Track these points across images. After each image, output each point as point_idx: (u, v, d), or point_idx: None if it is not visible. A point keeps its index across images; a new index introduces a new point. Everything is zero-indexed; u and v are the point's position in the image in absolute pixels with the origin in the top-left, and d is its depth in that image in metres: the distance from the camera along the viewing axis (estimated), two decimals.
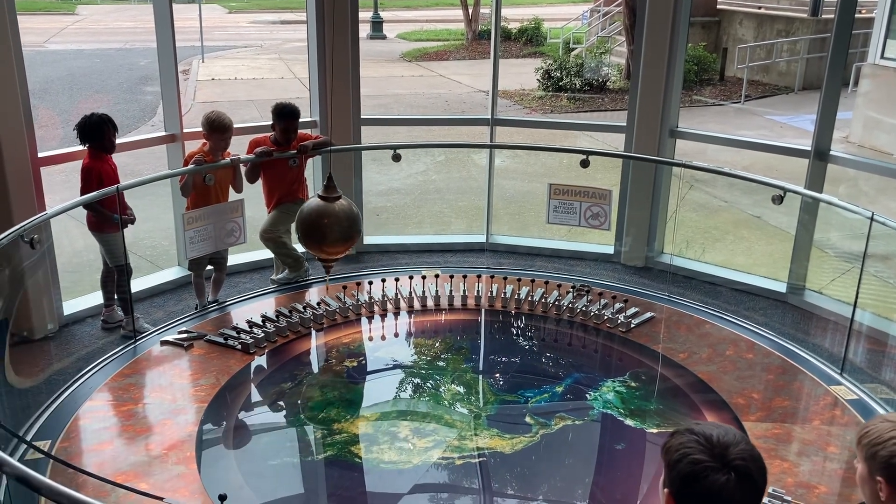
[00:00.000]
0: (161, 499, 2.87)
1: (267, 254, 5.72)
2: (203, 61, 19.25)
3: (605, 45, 18.63)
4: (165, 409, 3.98)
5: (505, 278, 5.54)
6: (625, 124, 6.05)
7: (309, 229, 3.69)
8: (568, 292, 5.26)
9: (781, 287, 5.59)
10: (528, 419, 3.95)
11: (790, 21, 16.98)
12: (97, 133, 4.66)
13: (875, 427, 2.10)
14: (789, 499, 3.32)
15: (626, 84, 16.10)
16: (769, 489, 3.35)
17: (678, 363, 4.46)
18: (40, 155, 4.77)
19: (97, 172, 4.66)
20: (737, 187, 8.63)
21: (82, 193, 4.61)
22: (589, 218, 5.44)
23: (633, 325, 4.88)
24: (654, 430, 3.89)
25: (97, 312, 5.07)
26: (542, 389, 4.24)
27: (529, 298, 5.20)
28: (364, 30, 23.04)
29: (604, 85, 16.29)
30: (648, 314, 5.03)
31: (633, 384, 4.30)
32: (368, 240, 6.61)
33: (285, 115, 5.17)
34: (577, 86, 16.01)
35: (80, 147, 4.76)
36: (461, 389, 4.27)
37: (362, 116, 6.12)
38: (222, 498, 3.05)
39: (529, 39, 22.10)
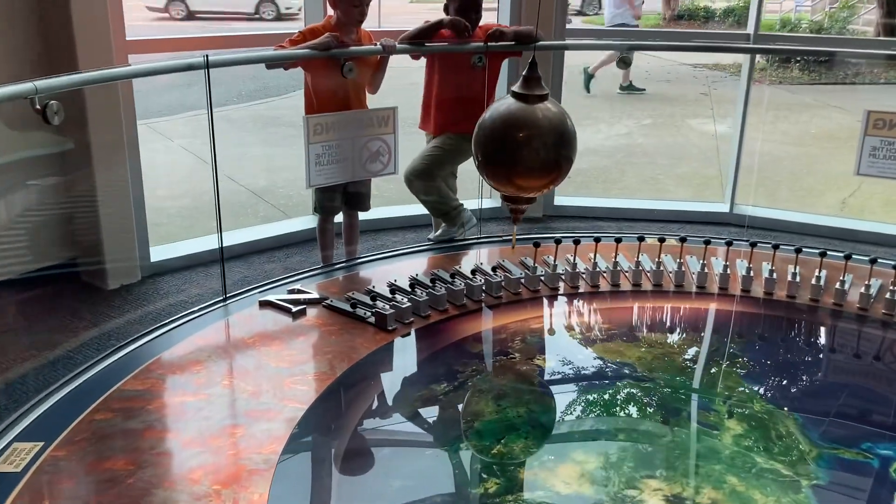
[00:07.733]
0: None
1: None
2: None
3: (851, 7, 15.86)
4: (240, 407, 2.40)
5: (775, 247, 3.45)
6: None
7: (492, 146, 2.27)
8: None
9: None
10: None
11: None
12: None
13: None
14: None
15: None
16: None
17: None
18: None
19: None
20: None
21: None
22: None
23: None
24: None
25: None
26: None
27: (841, 288, 3.18)
28: None
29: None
30: None
31: None
32: (560, 201, 4.95)
33: None
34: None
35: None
36: (748, 428, 2.38)
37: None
38: None
39: (738, 21, 19.52)
